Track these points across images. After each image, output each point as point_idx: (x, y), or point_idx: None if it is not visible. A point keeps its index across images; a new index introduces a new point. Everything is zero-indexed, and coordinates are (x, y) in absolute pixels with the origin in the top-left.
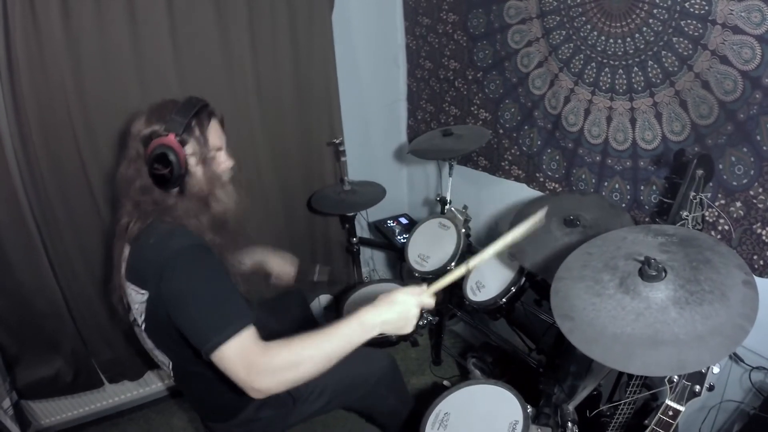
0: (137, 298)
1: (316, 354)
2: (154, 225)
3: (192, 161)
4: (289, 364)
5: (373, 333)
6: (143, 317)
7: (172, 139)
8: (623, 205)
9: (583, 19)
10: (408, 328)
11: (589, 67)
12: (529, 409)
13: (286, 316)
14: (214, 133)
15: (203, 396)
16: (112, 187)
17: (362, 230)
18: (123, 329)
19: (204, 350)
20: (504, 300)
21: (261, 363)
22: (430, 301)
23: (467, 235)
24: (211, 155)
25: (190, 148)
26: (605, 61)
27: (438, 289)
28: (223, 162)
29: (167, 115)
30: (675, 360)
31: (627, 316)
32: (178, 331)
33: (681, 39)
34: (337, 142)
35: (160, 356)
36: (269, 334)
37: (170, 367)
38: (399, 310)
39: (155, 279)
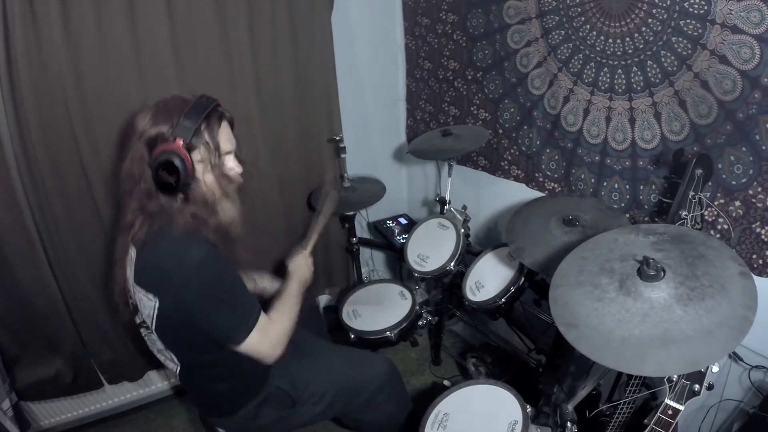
0: (147, 303)
1: (293, 313)
2: (166, 232)
3: (199, 168)
4: (286, 329)
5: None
6: (154, 322)
7: (179, 145)
8: (622, 204)
9: (582, 19)
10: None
11: (588, 67)
12: (529, 408)
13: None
14: (225, 138)
15: (208, 391)
16: (116, 184)
17: (362, 230)
18: (123, 330)
19: (232, 343)
20: (503, 300)
21: (274, 334)
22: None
23: (466, 236)
24: (221, 161)
25: (198, 155)
26: (604, 61)
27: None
28: (233, 168)
29: (175, 117)
30: (688, 357)
31: (633, 318)
32: (193, 331)
33: (680, 39)
34: (337, 138)
35: (168, 355)
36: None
37: (178, 366)
38: (303, 270)
39: (174, 289)
